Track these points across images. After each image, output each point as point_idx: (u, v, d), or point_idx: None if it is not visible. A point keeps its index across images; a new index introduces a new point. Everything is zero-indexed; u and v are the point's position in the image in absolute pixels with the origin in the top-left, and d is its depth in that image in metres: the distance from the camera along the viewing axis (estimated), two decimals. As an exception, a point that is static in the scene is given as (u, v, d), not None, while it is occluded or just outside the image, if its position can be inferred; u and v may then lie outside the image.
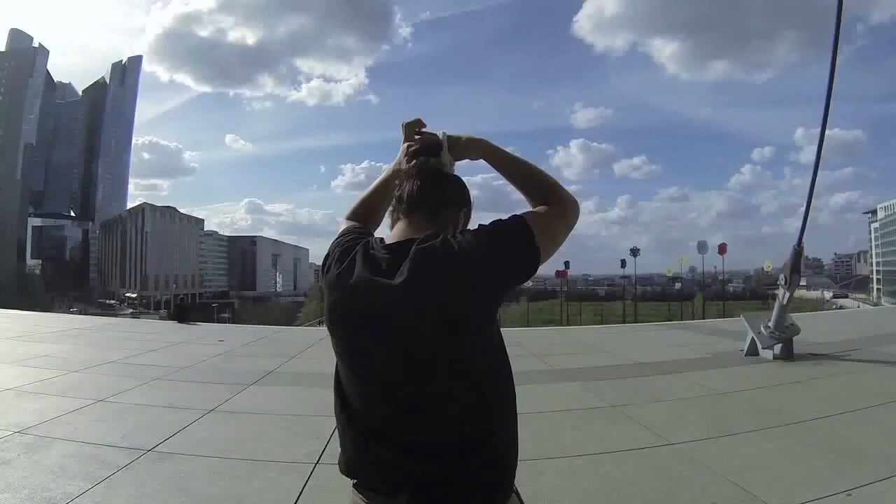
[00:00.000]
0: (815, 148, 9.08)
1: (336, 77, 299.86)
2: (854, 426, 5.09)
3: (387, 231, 1.67)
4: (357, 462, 1.48)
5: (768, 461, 4.33)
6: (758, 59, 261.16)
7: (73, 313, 44.47)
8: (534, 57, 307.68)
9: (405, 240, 1.50)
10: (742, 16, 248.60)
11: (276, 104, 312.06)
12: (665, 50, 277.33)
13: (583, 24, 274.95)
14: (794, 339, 8.38)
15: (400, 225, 1.60)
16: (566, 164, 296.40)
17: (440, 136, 1.70)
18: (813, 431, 4.99)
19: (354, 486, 1.49)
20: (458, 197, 1.67)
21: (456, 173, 1.72)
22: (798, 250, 8.63)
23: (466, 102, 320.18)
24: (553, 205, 1.59)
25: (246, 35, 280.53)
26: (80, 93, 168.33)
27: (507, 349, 1.52)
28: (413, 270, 1.40)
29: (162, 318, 76.19)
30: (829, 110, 8.46)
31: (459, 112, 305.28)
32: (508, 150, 1.71)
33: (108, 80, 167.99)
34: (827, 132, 8.65)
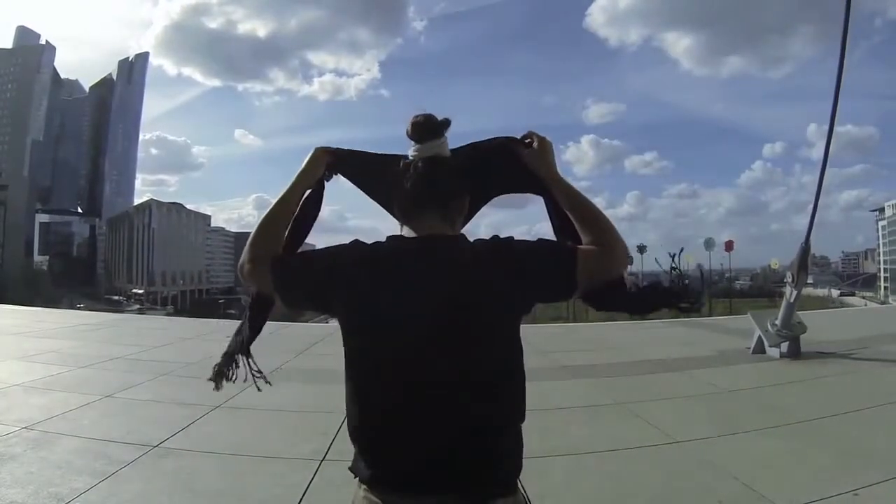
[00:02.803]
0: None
1: (349, 71, 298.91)
2: (861, 425, 5.06)
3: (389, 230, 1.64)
4: (370, 459, 1.48)
5: (775, 460, 4.31)
6: (773, 54, 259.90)
7: (79, 309, 44.63)
8: (546, 52, 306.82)
9: (437, 235, 1.53)
10: (757, 10, 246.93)
11: (287, 98, 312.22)
12: (679, 45, 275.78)
13: (596, 16, 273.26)
14: (802, 337, 8.34)
15: (413, 224, 1.57)
16: (577, 160, 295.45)
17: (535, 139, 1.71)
18: (820, 430, 4.97)
19: (363, 481, 1.48)
20: (464, 184, 1.64)
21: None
22: (805, 248, 8.58)
23: (478, 97, 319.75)
24: (605, 247, 1.59)
25: (257, 27, 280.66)
26: (87, 90, 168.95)
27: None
28: (446, 268, 1.45)
29: (169, 315, 76.51)
30: (838, 108, 8.40)
31: (471, 107, 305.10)
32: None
33: (114, 77, 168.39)
34: (840, 129, 8.67)
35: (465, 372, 1.40)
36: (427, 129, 1.60)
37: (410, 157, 1.61)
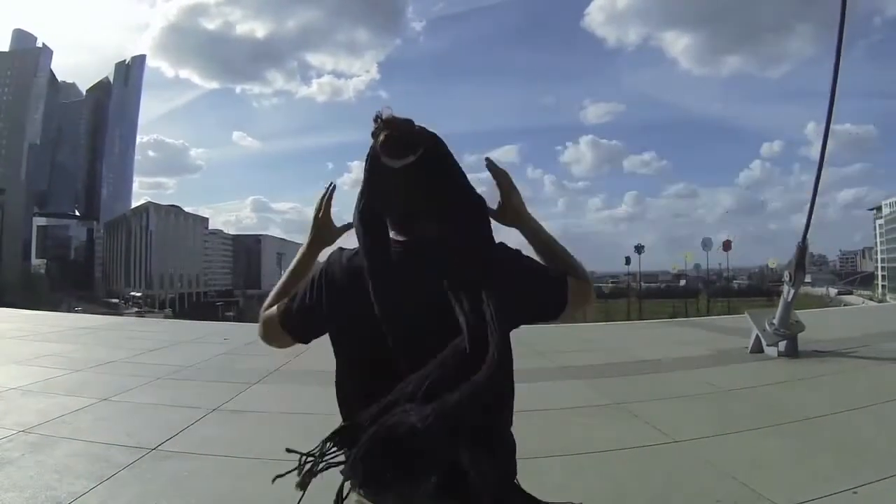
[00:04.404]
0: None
1: (348, 72, 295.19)
2: (859, 424, 5.07)
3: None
4: (362, 461, 1.46)
5: (773, 459, 4.32)
6: (772, 53, 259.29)
7: (77, 312, 44.57)
8: (545, 52, 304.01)
9: (430, 238, 1.51)
10: (755, 9, 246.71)
11: (286, 100, 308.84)
12: (677, 44, 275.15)
13: (594, 16, 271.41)
14: (799, 336, 8.35)
15: (405, 229, 1.54)
16: (575, 160, 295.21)
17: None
18: (818, 429, 4.98)
19: (353, 483, 1.48)
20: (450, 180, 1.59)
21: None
22: (803, 247, 8.59)
23: (477, 98, 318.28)
24: (583, 281, 1.63)
25: (255, 28, 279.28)
26: (84, 93, 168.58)
27: (512, 347, 1.52)
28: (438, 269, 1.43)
29: (167, 317, 76.40)
30: (834, 107, 8.42)
31: (470, 108, 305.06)
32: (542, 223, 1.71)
33: (111, 80, 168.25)
34: (839, 127, 8.69)
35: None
36: (404, 146, 1.47)
37: (387, 166, 1.49)
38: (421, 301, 1.40)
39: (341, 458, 1.47)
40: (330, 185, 1.80)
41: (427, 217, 1.52)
